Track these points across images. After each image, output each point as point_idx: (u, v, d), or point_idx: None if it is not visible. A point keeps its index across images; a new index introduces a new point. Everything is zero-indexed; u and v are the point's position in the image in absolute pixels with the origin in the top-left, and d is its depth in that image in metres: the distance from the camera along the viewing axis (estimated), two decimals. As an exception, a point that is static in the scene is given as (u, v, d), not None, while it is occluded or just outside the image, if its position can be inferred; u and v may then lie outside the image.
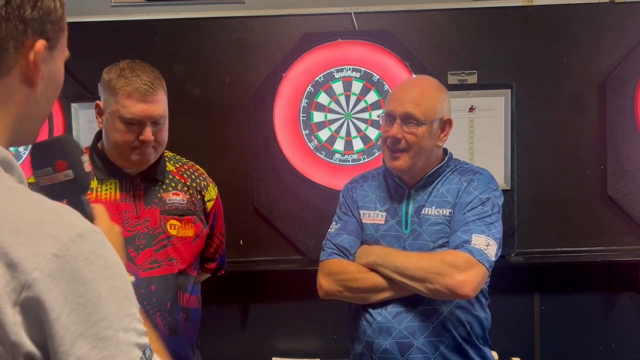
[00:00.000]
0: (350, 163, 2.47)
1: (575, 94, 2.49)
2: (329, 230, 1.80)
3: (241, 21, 2.50)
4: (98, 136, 1.73)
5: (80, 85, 2.48)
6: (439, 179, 1.72)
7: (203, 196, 1.80)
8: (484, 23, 2.49)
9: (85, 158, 1.03)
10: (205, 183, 1.82)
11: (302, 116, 2.47)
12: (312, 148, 2.48)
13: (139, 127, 1.60)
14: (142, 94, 1.58)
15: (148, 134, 1.60)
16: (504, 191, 2.42)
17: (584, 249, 2.51)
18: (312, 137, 2.48)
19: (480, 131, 2.46)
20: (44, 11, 0.77)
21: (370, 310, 1.67)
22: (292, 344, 2.60)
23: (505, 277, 1.69)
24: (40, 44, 0.77)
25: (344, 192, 1.84)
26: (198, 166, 1.87)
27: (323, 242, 1.79)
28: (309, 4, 2.49)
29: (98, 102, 1.66)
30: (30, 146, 1.00)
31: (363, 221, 1.75)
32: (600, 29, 2.47)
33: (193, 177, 1.81)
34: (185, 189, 1.76)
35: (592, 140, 2.49)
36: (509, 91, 2.44)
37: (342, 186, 2.37)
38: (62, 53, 0.86)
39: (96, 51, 2.49)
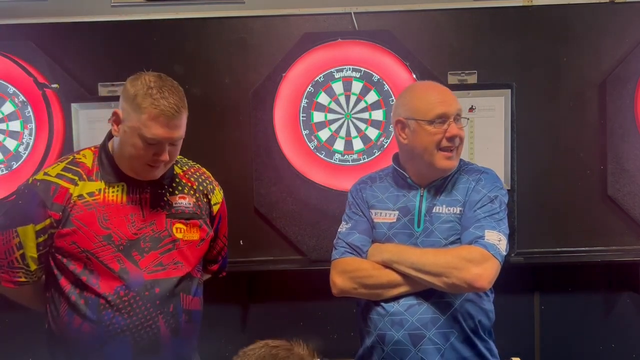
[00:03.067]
0: (350, 163, 2.47)
1: (575, 94, 2.49)
2: (340, 229, 1.83)
3: (241, 21, 2.50)
4: (110, 136, 1.72)
5: (80, 85, 2.48)
6: (448, 178, 1.78)
7: (209, 200, 1.81)
8: (484, 23, 2.49)
9: None
10: (211, 187, 1.83)
11: (302, 116, 2.47)
12: (312, 148, 2.48)
13: (157, 146, 1.59)
14: (167, 117, 1.55)
15: (165, 155, 1.60)
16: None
17: (584, 249, 2.51)
18: (312, 137, 2.48)
19: (480, 131, 2.45)
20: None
21: (383, 304, 1.71)
22: (292, 344, 2.60)
23: (505, 277, 1.69)
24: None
25: (352, 192, 1.88)
26: (204, 169, 1.87)
27: (334, 241, 1.82)
28: (309, 4, 2.49)
29: (117, 110, 1.62)
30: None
31: (374, 220, 1.79)
32: (600, 29, 2.47)
33: (200, 180, 1.81)
34: (192, 192, 1.76)
35: (592, 140, 2.49)
36: (509, 91, 2.44)
37: (342, 186, 2.39)
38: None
39: (96, 51, 2.50)
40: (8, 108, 2.46)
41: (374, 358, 1.73)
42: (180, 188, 1.74)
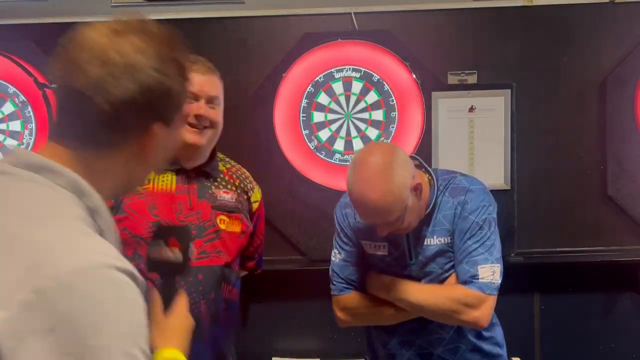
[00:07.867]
0: (350, 163, 2.47)
1: (575, 94, 2.49)
2: (333, 259, 1.79)
3: (241, 21, 2.50)
4: None
5: (80, 85, 2.48)
6: (432, 208, 1.68)
7: (249, 197, 1.91)
8: (484, 23, 2.49)
9: (194, 248, 1.17)
10: (251, 185, 1.94)
11: (302, 116, 2.47)
12: (312, 148, 2.48)
13: (196, 104, 1.73)
14: (202, 72, 1.73)
15: (203, 108, 1.73)
16: (504, 191, 2.42)
17: (584, 249, 2.50)
18: (312, 137, 2.48)
19: (480, 131, 2.46)
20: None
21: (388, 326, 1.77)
22: (292, 343, 2.60)
23: (505, 277, 1.69)
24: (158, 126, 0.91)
25: (339, 218, 1.79)
26: (245, 169, 1.97)
27: (330, 274, 1.79)
28: (309, 4, 2.49)
29: None
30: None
31: (367, 252, 1.76)
32: (600, 29, 2.47)
33: (241, 178, 1.91)
34: (234, 188, 1.86)
35: (592, 140, 2.49)
36: (509, 91, 2.44)
37: (342, 186, 2.37)
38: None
39: (96, 51, 2.50)
40: (8, 108, 2.46)
41: None
42: (224, 183, 1.84)
